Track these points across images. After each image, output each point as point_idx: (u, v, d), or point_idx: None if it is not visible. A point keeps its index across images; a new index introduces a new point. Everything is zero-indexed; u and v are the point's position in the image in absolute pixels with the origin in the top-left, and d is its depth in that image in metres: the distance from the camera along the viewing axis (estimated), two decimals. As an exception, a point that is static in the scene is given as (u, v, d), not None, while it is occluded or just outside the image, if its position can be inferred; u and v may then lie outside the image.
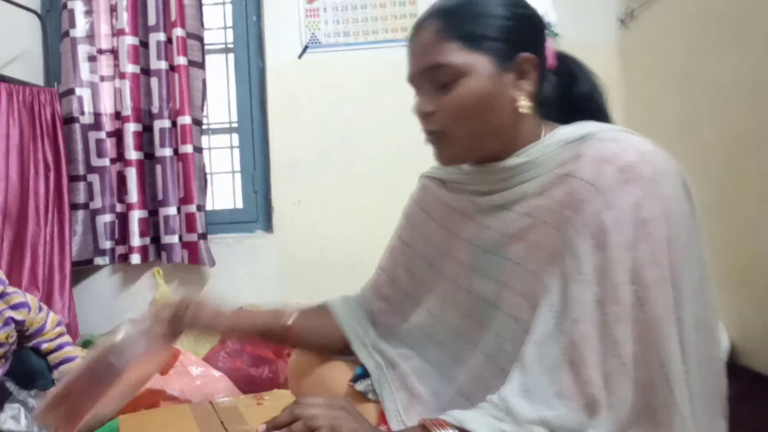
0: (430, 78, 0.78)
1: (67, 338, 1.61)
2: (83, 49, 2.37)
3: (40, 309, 1.57)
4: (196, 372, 1.69)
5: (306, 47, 2.43)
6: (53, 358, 1.56)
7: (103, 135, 2.39)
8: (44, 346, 1.55)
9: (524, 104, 0.76)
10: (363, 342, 0.98)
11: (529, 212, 0.76)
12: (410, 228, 0.98)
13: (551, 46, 0.81)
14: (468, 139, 0.78)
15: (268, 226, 2.51)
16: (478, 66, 0.75)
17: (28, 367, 1.52)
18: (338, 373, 0.99)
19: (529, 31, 0.78)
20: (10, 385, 1.38)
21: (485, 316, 0.82)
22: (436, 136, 0.80)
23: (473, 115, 0.76)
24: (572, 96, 0.83)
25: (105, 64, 2.42)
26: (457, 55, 0.75)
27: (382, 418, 0.89)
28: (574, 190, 0.70)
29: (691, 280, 0.68)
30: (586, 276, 0.68)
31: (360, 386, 0.95)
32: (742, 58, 1.64)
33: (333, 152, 2.42)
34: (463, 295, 0.86)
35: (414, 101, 0.81)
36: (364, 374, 0.96)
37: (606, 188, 0.68)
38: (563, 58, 0.84)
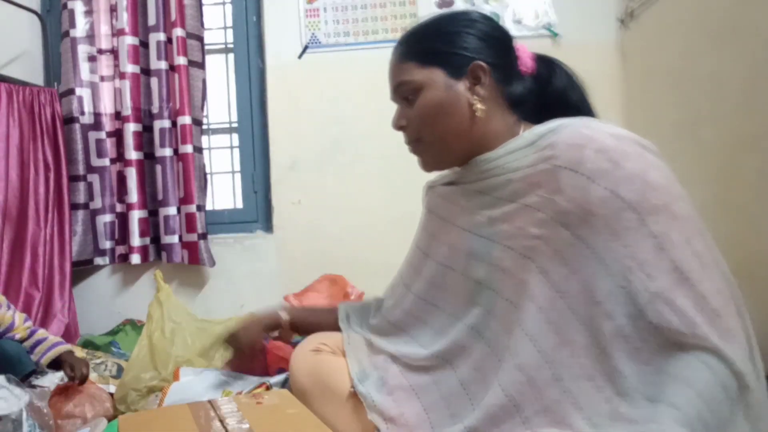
0: (399, 95, 0.92)
1: (34, 328, 1.61)
2: (83, 49, 2.37)
3: (9, 307, 1.57)
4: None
5: (306, 47, 2.43)
6: (27, 343, 1.56)
7: (103, 135, 2.39)
8: (17, 337, 1.55)
9: (479, 107, 0.86)
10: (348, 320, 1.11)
11: (511, 197, 0.82)
12: (420, 229, 1.06)
13: (526, 52, 0.91)
14: (436, 143, 0.89)
15: (268, 226, 2.51)
16: (432, 78, 0.87)
17: (4, 355, 1.50)
18: (341, 372, 0.99)
19: (482, 44, 0.87)
20: None
21: (476, 295, 0.87)
22: (413, 146, 0.92)
23: (434, 120, 0.88)
24: (548, 95, 0.91)
25: (105, 64, 2.42)
26: (414, 73, 0.88)
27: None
28: (555, 176, 0.76)
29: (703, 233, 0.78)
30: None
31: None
32: (741, 58, 1.64)
33: (333, 152, 2.42)
34: (457, 278, 0.91)
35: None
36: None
37: (591, 172, 0.74)
38: (544, 62, 0.92)
